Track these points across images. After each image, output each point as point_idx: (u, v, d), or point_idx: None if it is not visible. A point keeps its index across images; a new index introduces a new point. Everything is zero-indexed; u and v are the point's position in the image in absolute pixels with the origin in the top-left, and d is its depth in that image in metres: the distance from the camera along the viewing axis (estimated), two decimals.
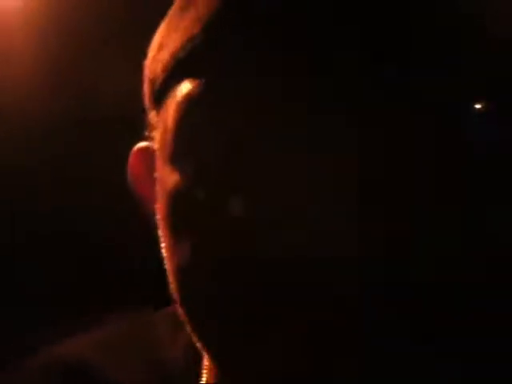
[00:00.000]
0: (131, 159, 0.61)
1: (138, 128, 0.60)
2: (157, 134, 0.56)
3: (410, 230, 0.49)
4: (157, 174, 0.56)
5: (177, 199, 0.52)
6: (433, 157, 0.49)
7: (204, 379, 0.59)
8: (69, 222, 1.51)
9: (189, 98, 0.51)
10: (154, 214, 0.57)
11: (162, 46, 0.55)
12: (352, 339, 0.48)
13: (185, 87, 0.52)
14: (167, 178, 0.53)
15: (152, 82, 0.56)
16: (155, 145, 0.56)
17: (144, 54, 0.59)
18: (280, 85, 0.49)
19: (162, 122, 0.55)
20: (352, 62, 0.48)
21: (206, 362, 0.59)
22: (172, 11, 0.56)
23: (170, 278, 0.54)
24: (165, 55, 0.54)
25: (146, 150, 0.59)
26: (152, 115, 0.57)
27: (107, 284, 1.48)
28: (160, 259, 0.56)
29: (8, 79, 1.45)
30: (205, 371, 0.59)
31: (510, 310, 0.53)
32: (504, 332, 0.53)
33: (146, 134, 0.59)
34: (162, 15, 0.58)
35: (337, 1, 0.49)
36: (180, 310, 0.53)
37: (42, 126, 1.49)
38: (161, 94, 0.55)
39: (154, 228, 0.58)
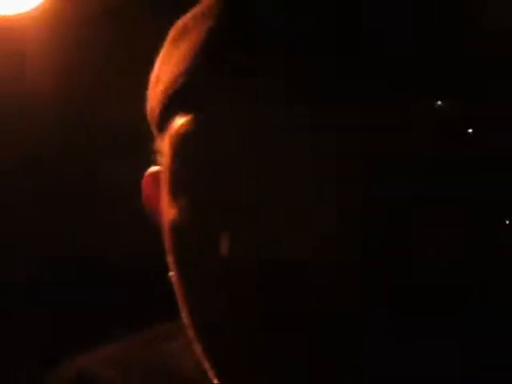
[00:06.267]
0: (144, 182, 0.62)
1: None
2: (161, 163, 0.57)
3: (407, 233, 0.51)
4: (162, 203, 0.57)
5: (174, 233, 0.54)
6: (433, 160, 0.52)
7: None
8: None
9: (180, 134, 0.53)
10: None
11: (158, 78, 0.56)
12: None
13: (176, 122, 0.53)
14: (167, 210, 0.55)
15: (152, 112, 0.57)
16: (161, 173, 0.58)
17: None
18: (272, 113, 0.51)
19: (163, 153, 0.56)
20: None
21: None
22: (166, 42, 0.57)
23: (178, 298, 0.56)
24: (159, 89, 0.55)
25: (156, 175, 0.60)
26: (158, 142, 0.58)
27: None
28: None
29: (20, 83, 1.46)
30: None
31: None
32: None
33: (156, 158, 0.60)
34: None
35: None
36: (189, 331, 0.55)
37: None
38: (160, 125, 0.56)
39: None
